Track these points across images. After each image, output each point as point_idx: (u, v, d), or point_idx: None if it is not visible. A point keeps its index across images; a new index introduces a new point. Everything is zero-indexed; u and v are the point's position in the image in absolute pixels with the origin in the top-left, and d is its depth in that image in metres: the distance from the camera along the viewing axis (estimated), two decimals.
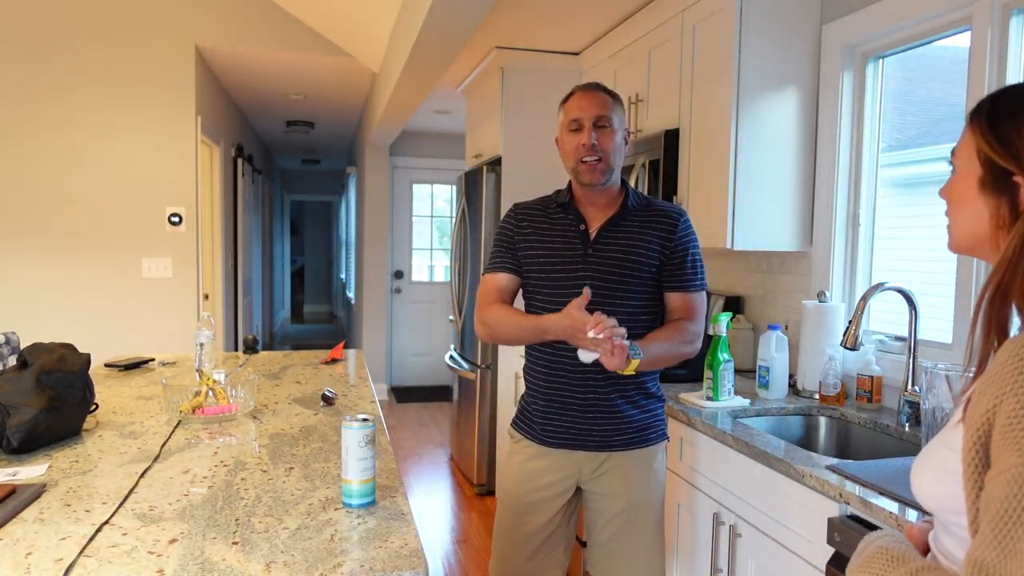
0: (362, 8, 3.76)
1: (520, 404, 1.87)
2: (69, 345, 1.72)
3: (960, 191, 0.89)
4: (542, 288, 1.75)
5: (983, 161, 0.84)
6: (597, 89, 1.74)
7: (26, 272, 4.01)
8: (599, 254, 1.71)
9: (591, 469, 1.75)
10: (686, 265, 1.76)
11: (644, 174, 2.77)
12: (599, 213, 1.76)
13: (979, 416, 0.77)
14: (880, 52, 2.23)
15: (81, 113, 4.02)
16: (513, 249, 1.79)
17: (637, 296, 1.73)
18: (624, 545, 1.75)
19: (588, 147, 1.67)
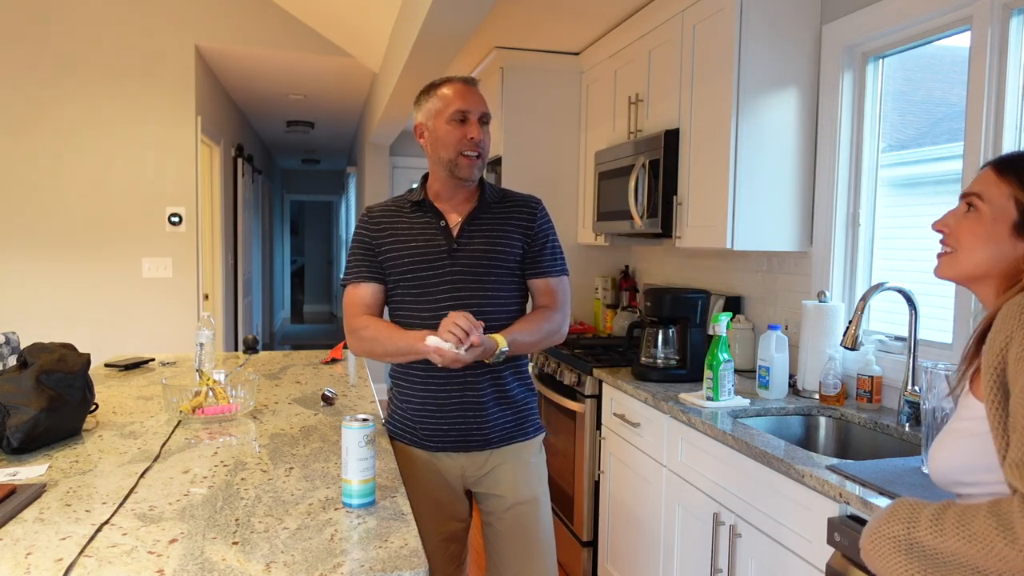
0: (362, 8, 3.76)
1: (391, 406, 1.82)
2: (69, 345, 1.72)
3: (987, 230, 1.01)
4: (410, 289, 1.71)
5: (1020, 208, 0.98)
6: (476, 85, 1.72)
7: (26, 272, 4.01)
8: (464, 249, 1.70)
9: (476, 468, 1.74)
10: (546, 252, 1.78)
11: (644, 174, 2.77)
12: (457, 208, 1.75)
13: (993, 356, 0.90)
14: (880, 52, 2.23)
15: (81, 113, 4.02)
16: (372, 255, 1.74)
17: (505, 286, 1.73)
18: (518, 541, 1.74)
19: (476, 142, 1.66)
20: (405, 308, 1.73)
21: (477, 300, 1.69)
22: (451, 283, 1.69)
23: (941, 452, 1.00)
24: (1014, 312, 0.90)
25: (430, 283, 1.69)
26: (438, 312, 1.66)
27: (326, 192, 11.98)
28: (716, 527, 1.89)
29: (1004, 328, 0.90)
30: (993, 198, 1.02)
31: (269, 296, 9.40)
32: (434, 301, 1.69)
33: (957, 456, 0.97)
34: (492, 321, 1.68)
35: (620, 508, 2.53)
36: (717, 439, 1.91)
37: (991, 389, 0.90)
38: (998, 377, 0.89)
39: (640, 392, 2.34)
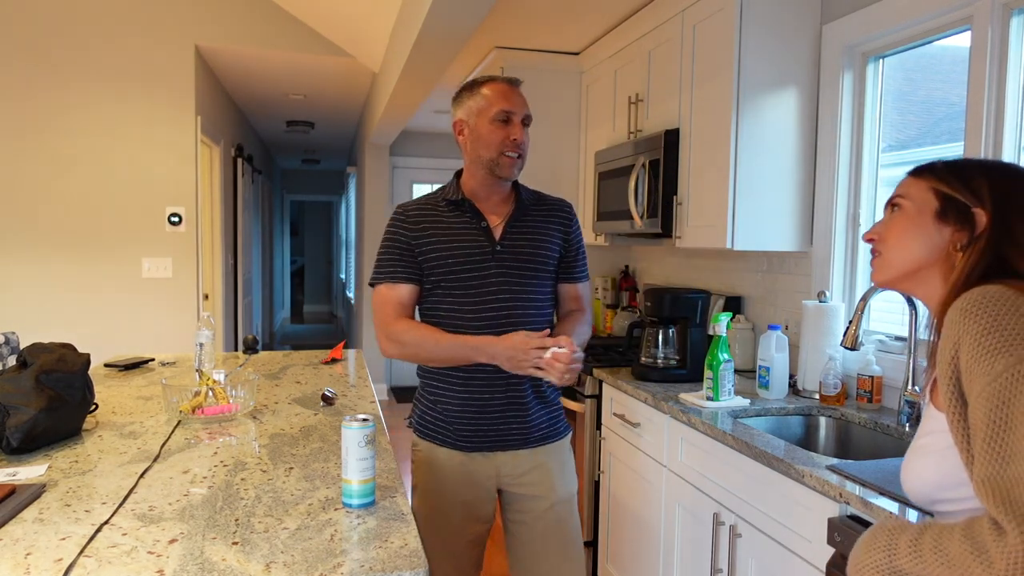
0: (362, 8, 3.76)
1: (419, 407, 1.79)
2: (69, 345, 1.72)
3: (912, 222, 1.04)
4: (452, 290, 1.68)
5: (941, 197, 1.02)
6: (518, 85, 1.71)
7: (26, 272, 4.01)
8: (507, 251, 1.69)
9: (510, 469, 1.72)
10: (579, 258, 1.82)
11: (644, 174, 2.77)
12: (496, 209, 1.73)
13: (945, 367, 0.88)
14: (880, 52, 2.23)
15: (81, 113, 4.02)
16: (410, 255, 1.69)
17: (544, 289, 1.74)
18: (548, 543, 1.73)
19: (519, 143, 1.66)
20: (445, 309, 1.70)
21: (520, 302, 1.68)
22: (496, 284, 1.67)
23: (910, 473, 0.98)
24: (957, 317, 0.89)
25: (474, 284, 1.67)
26: (480, 314, 1.65)
27: (326, 192, 11.98)
28: (716, 527, 1.89)
29: (951, 334, 0.89)
30: (913, 194, 1.05)
31: (269, 296, 9.40)
32: (478, 303, 1.67)
33: (926, 475, 0.95)
34: (531, 323, 1.68)
35: (620, 508, 2.53)
36: (717, 439, 1.91)
37: (949, 400, 0.88)
38: (954, 386, 0.88)
39: (640, 392, 2.34)
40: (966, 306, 0.88)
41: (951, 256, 1.00)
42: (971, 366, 0.85)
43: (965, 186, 1.01)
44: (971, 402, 0.84)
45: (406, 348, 1.68)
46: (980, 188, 1.00)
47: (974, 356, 0.85)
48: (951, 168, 1.04)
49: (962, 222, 1.00)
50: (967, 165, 1.04)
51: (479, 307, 1.67)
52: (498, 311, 1.66)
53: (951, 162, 1.05)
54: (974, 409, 0.83)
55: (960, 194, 1.01)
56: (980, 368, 0.83)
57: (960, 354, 0.87)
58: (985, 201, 0.99)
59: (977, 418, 0.82)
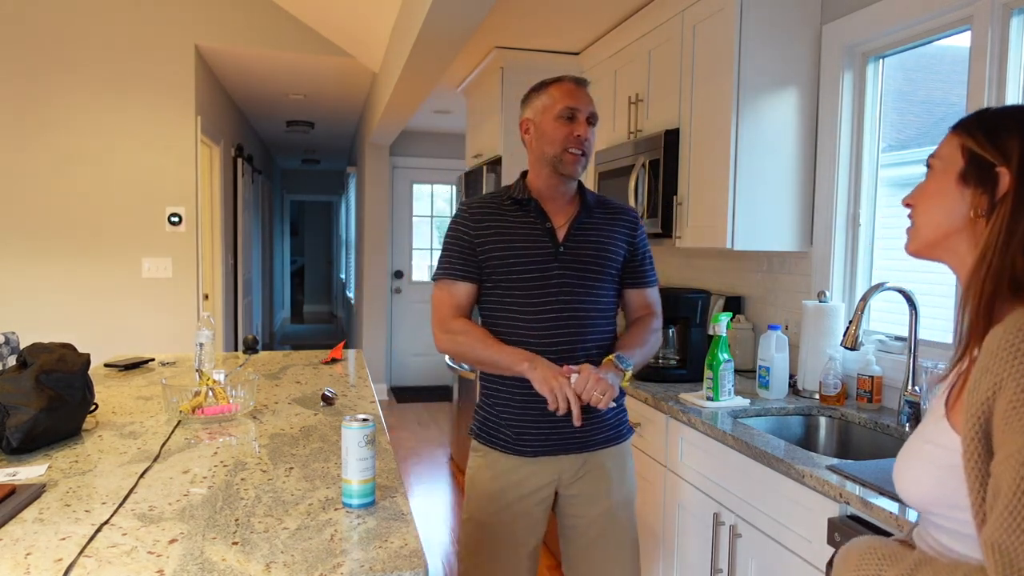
0: (362, 8, 3.76)
1: (481, 413, 1.77)
2: (69, 345, 1.72)
3: (937, 185, 0.93)
4: (512, 290, 1.67)
5: (966, 155, 0.90)
6: (585, 85, 1.71)
7: (26, 272, 4.01)
8: (571, 253, 1.68)
9: (572, 473, 1.70)
10: (646, 263, 1.79)
11: (644, 174, 2.77)
12: (561, 210, 1.72)
13: (977, 404, 0.78)
14: (880, 52, 2.23)
15: (81, 113, 4.02)
16: (471, 253, 1.69)
17: (606, 293, 1.72)
18: (606, 546, 1.72)
19: (582, 140, 1.65)
20: (505, 308, 1.68)
21: (582, 305, 1.66)
22: (557, 287, 1.66)
23: (907, 475, 0.90)
24: (1004, 352, 0.76)
25: (535, 285, 1.65)
26: (541, 315, 1.64)
27: (326, 192, 11.98)
28: (716, 527, 1.89)
29: (993, 369, 0.77)
30: (944, 153, 0.94)
31: (269, 296, 9.40)
32: (538, 304, 1.65)
33: (924, 486, 0.87)
34: (591, 326, 1.67)
35: None
36: (717, 439, 1.91)
37: (971, 438, 0.78)
38: (981, 426, 0.77)
39: (640, 392, 2.34)
40: (1016, 340, 0.76)
41: (975, 223, 0.89)
42: (1010, 418, 0.74)
43: (991, 140, 0.88)
44: (1000, 456, 0.74)
45: (458, 347, 1.69)
46: (1009, 142, 0.86)
47: (1016, 410, 0.73)
48: (983, 119, 0.91)
49: (983, 182, 0.88)
50: (1003, 114, 0.90)
51: (539, 308, 1.65)
52: (559, 313, 1.65)
53: (988, 112, 0.93)
54: (1003, 467, 0.73)
55: (984, 150, 0.88)
56: (1020, 425, 0.73)
57: (1000, 398, 0.75)
58: (1012, 157, 0.86)
59: (1004, 479, 0.73)
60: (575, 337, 1.66)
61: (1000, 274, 0.83)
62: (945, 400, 0.87)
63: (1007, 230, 0.84)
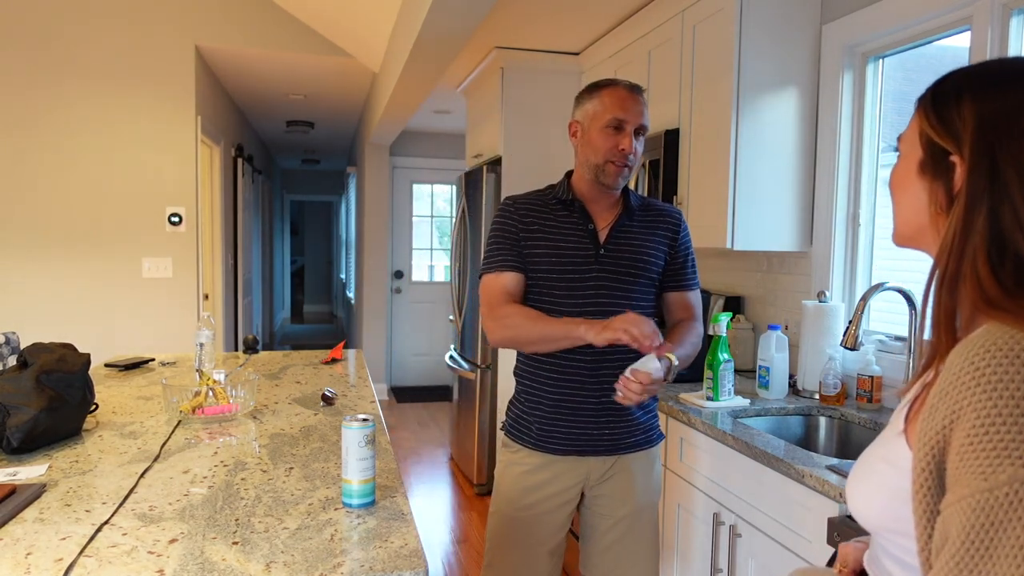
0: (362, 8, 3.76)
1: (514, 410, 1.79)
2: (69, 345, 1.72)
3: (901, 177, 0.84)
4: (551, 289, 1.67)
5: (924, 143, 0.79)
6: (641, 94, 1.67)
7: (26, 272, 4.01)
8: (611, 255, 1.68)
9: (599, 474, 1.71)
10: (688, 265, 1.77)
11: (644, 174, 2.77)
12: (604, 212, 1.71)
13: (932, 434, 0.69)
14: (880, 52, 2.23)
15: (81, 113, 4.02)
16: (518, 246, 1.69)
17: (645, 297, 1.71)
18: (626, 548, 1.72)
19: (626, 153, 1.63)
20: (544, 308, 1.68)
21: (619, 308, 1.65)
22: (595, 288, 1.66)
23: (858, 493, 0.82)
24: (966, 376, 0.67)
25: (574, 286, 1.66)
26: (577, 316, 1.63)
27: (326, 192, 11.98)
28: (716, 527, 1.89)
29: (951, 395, 0.68)
30: (906, 137, 0.83)
31: (269, 296, 9.41)
32: (576, 305, 1.65)
33: (875, 507, 0.80)
34: None
35: None
36: (717, 439, 1.91)
37: (922, 469, 0.69)
38: (934, 456, 0.69)
39: None
40: (980, 363, 0.66)
41: (937, 218, 0.79)
42: (966, 455, 0.65)
43: (943, 121, 0.77)
44: (952, 497, 0.66)
45: (508, 329, 1.64)
46: (961, 121, 0.75)
47: (974, 446, 0.65)
48: (937, 94, 0.80)
49: (938, 174, 0.77)
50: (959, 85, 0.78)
51: (576, 310, 1.65)
52: (594, 315, 1.64)
53: (943, 84, 0.81)
54: (954, 510, 0.65)
55: (938, 135, 0.77)
56: (977, 465, 0.64)
57: (957, 428, 0.66)
58: (964, 142, 0.74)
59: (953, 523, 0.65)
60: None
61: (957, 280, 0.74)
62: (905, 414, 0.78)
63: (962, 231, 0.73)
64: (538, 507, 1.70)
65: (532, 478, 1.71)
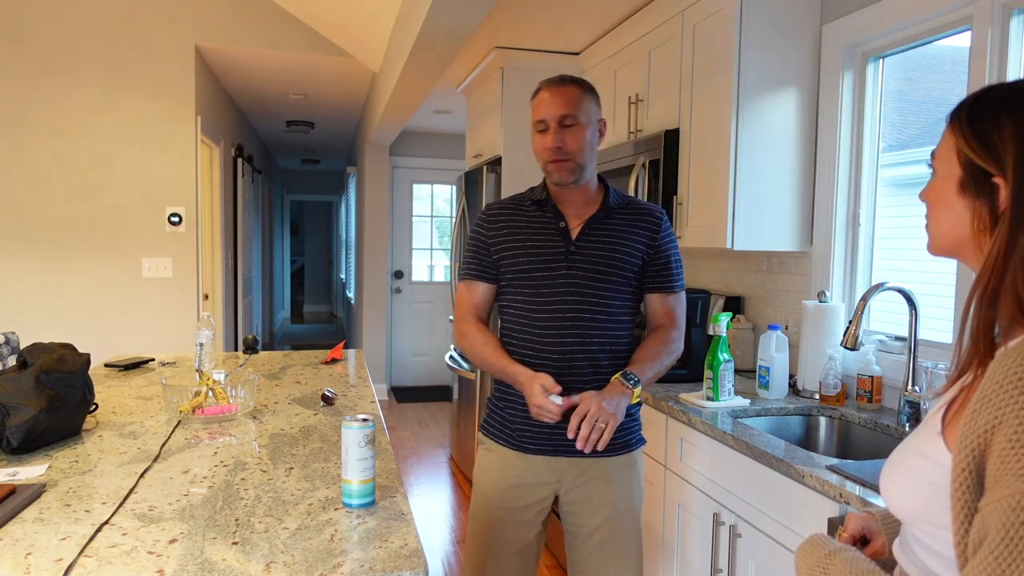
0: (362, 8, 3.76)
1: (490, 406, 1.80)
2: (69, 345, 1.72)
3: (940, 194, 0.87)
4: (522, 288, 1.69)
5: (963, 163, 0.83)
6: (564, 84, 1.66)
7: (26, 272, 4.01)
8: (582, 252, 1.67)
9: (573, 476, 1.69)
10: (670, 266, 1.74)
11: (644, 174, 2.77)
12: (579, 211, 1.71)
13: (973, 437, 0.73)
14: (880, 52, 2.23)
15: (81, 113, 4.02)
16: (486, 253, 1.74)
17: (620, 296, 1.69)
18: (607, 556, 1.69)
19: (553, 150, 1.63)
20: (516, 306, 1.70)
21: (589, 307, 1.65)
22: (565, 286, 1.65)
23: (896, 485, 0.86)
24: (1009, 384, 0.71)
25: (543, 284, 1.66)
26: (547, 314, 1.64)
27: (326, 192, 11.99)
28: (716, 527, 1.89)
29: (994, 402, 0.72)
30: (942, 155, 0.87)
31: (269, 296, 9.41)
32: (546, 303, 1.66)
33: (913, 499, 0.84)
34: (600, 329, 1.65)
35: None
36: (717, 439, 1.91)
37: (963, 468, 0.74)
38: (975, 458, 0.73)
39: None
40: (1021, 372, 0.70)
41: (979, 236, 0.82)
42: (1007, 457, 0.69)
43: (984, 144, 0.80)
44: (992, 496, 0.70)
45: (466, 349, 1.76)
46: (1003, 144, 0.78)
47: (1015, 449, 0.69)
48: (975, 115, 0.82)
49: (982, 194, 0.81)
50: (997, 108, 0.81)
51: (547, 307, 1.65)
52: (565, 313, 1.64)
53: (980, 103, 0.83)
54: (993, 509, 0.69)
55: (979, 157, 0.80)
56: (1018, 467, 0.68)
57: (998, 433, 0.70)
58: (1007, 166, 0.78)
59: (992, 522, 0.69)
60: (582, 340, 1.65)
61: (997, 295, 0.78)
62: (942, 416, 0.82)
63: (1006, 250, 0.77)
64: (509, 504, 1.70)
65: (504, 475, 1.70)
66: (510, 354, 1.70)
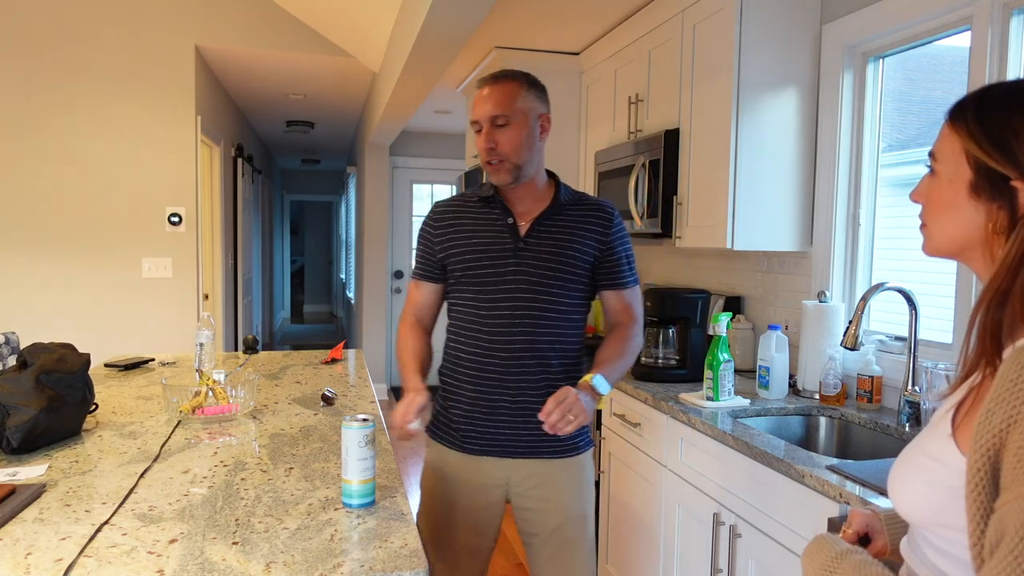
0: (362, 8, 3.76)
1: (435, 409, 1.77)
2: (69, 345, 1.72)
3: (946, 196, 0.86)
4: (471, 286, 1.66)
5: (974, 165, 0.82)
6: (499, 81, 1.63)
7: (26, 272, 4.01)
8: (531, 249, 1.64)
9: (521, 479, 1.67)
10: (623, 262, 1.73)
11: (644, 174, 2.77)
12: (528, 207, 1.68)
13: (988, 437, 0.73)
14: (880, 52, 2.23)
15: (81, 113, 4.02)
16: (431, 253, 1.73)
17: (571, 294, 1.66)
18: (561, 563, 1.67)
19: (486, 151, 1.61)
20: (463, 305, 1.69)
21: (539, 304, 1.63)
22: (514, 283, 1.63)
23: (905, 488, 0.86)
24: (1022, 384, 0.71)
25: (491, 281, 1.64)
26: (496, 312, 1.63)
27: (326, 192, 11.99)
28: (716, 527, 1.89)
29: (1008, 401, 0.72)
30: (947, 156, 0.85)
31: (269, 296, 9.41)
32: (494, 300, 1.64)
33: (924, 502, 0.83)
34: (550, 326, 1.64)
35: (620, 508, 2.53)
36: (717, 439, 1.91)
37: (977, 469, 0.73)
38: (990, 458, 0.73)
39: (640, 392, 2.34)
40: None
41: (993, 237, 0.82)
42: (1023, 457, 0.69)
43: (1000, 147, 0.80)
44: (1008, 496, 0.70)
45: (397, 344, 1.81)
46: (1019, 146, 0.78)
47: None
48: (984, 115, 0.82)
49: (998, 197, 0.80)
50: (1007, 110, 0.80)
51: (495, 305, 1.63)
52: (513, 311, 1.63)
53: (987, 106, 0.83)
54: (1010, 509, 0.69)
55: (995, 162, 0.80)
56: None
57: (1013, 434, 0.70)
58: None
59: (1010, 521, 0.69)
60: (530, 338, 1.63)
61: (1007, 296, 0.79)
62: (952, 417, 0.82)
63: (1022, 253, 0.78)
64: (458, 505, 1.67)
65: (452, 478, 1.68)
66: (457, 353, 1.70)
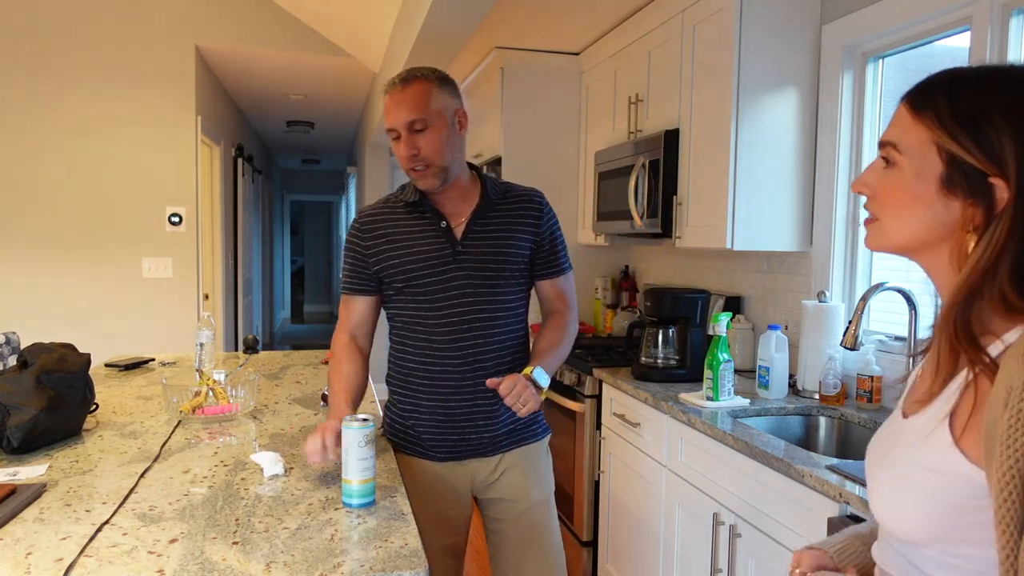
0: (362, 8, 3.76)
1: (390, 418, 1.73)
2: (69, 345, 1.73)
3: (911, 190, 0.80)
4: (415, 297, 1.61)
5: (947, 159, 0.77)
6: (408, 83, 1.56)
7: (26, 272, 4.01)
8: (469, 251, 1.60)
9: (486, 475, 1.67)
10: (557, 250, 1.72)
11: (644, 174, 2.77)
12: (458, 208, 1.63)
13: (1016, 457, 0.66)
14: (880, 52, 2.23)
15: (81, 113, 4.02)
16: (363, 266, 1.65)
17: (512, 288, 1.65)
18: (529, 548, 1.68)
19: (409, 158, 1.55)
20: (408, 316, 1.64)
21: (486, 305, 1.61)
22: (458, 288, 1.59)
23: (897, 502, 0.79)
24: None
25: (434, 290, 1.59)
26: (443, 321, 1.59)
27: (326, 192, 11.98)
28: (716, 527, 1.89)
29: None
30: (912, 147, 0.80)
31: (269, 296, 9.40)
32: (440, 310, 1.60)
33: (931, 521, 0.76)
34: (497, 327, 1.63)
35: (620, 508, 2.53)
36: (717, 439, 1.91)
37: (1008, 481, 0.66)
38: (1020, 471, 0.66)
39: (640, 392, 2.34)
40: None
41: (962, 237, 0.77)
42: None
43: (978, 142, 0.75)
44: None
45: None
46: (1000, 143, 0.74)
47: None
48: (958, 107, 0.77)
49: (974, 194, 0.76)
50: (982, 101, 0.76)
51: (441, 313, 1.60)
52: (461, 316, 1.59)
53: (959, 95, 0.78)
54: None
55: (973, 157, 0.75)
56: None
57: None
58: (1007, 165, 0.73)
59: None
60: (482, 341, 1.61)
61: (976, 294, 0.75)
62: (949, 424, 0.76)
63: (1000, 251, 0.73)
64: (433, 510, 1.65)
65: (424, 485, 1.65)
66: (405, 363, 1.67)
